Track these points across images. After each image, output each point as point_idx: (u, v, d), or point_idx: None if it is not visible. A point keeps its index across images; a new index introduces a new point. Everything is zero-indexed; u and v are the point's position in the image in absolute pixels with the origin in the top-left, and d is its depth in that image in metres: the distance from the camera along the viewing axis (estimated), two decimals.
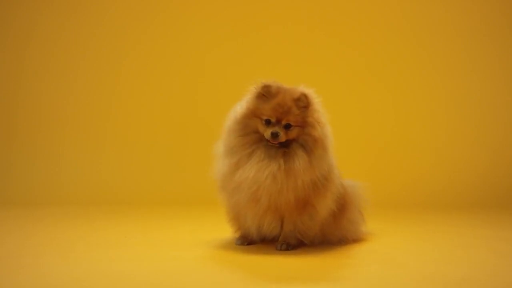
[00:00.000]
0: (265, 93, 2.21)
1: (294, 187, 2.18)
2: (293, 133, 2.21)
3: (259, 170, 2.16)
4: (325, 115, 2.29)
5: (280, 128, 2.18)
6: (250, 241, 2.40)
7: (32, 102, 4.75)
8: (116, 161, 4.56)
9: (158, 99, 4.66)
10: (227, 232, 2.53)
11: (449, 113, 4.51)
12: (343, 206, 2.41)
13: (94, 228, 3.09)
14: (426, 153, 4.43)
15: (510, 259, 2.24)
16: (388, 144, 4.42)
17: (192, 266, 2.05)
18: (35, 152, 4.63)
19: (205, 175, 2.39)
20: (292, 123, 2.20)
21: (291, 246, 2.30)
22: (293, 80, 2.32)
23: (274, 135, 2.17)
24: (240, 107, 2.27)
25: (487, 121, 4.46)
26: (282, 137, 2.18)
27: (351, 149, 4.09)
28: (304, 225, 2.31)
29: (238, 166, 2.20)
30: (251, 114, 2.23)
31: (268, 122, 2.20)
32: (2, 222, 3.31)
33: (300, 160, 2.17)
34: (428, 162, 4.39)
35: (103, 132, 4.65)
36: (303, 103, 2.20)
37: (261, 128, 2.22)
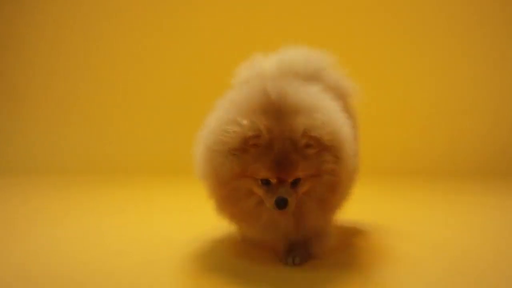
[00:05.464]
0: (254, 145, 1.52)
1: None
2: (305, 186, 1.58)
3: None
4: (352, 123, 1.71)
5: (286, 191, 1.53)
6: None
7: (30, 72, 4.86)
8: (109, 131, 4.68)
9: (155, 71, 4.74)
10: None
11: (450, 79, 4.48)
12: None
13: (87, 197, 3.20)
14: (429, 121, 4.43)
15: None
16: (389, 112, 4.38)
17: (184, 235, 2.09)
18: (28, 122, 4.77)
19: None
20: (301, 177, 1.55)
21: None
22: None
23: (281, 205, 1.53)
24: (220, 155, 1.55)
25: (489, 86, 4.43)
26: (292, 203, 1.54)
27: None
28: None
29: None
30: (240, 175, 1.55)
31: (266, 183, 1.55)
32: None
33: (313, 217, 1.63)
34: (430, 129, 4.40)
35: (98, 101, 4.75)
36: (313, 149, 1.53)
37: (258, 190, 1.57)
